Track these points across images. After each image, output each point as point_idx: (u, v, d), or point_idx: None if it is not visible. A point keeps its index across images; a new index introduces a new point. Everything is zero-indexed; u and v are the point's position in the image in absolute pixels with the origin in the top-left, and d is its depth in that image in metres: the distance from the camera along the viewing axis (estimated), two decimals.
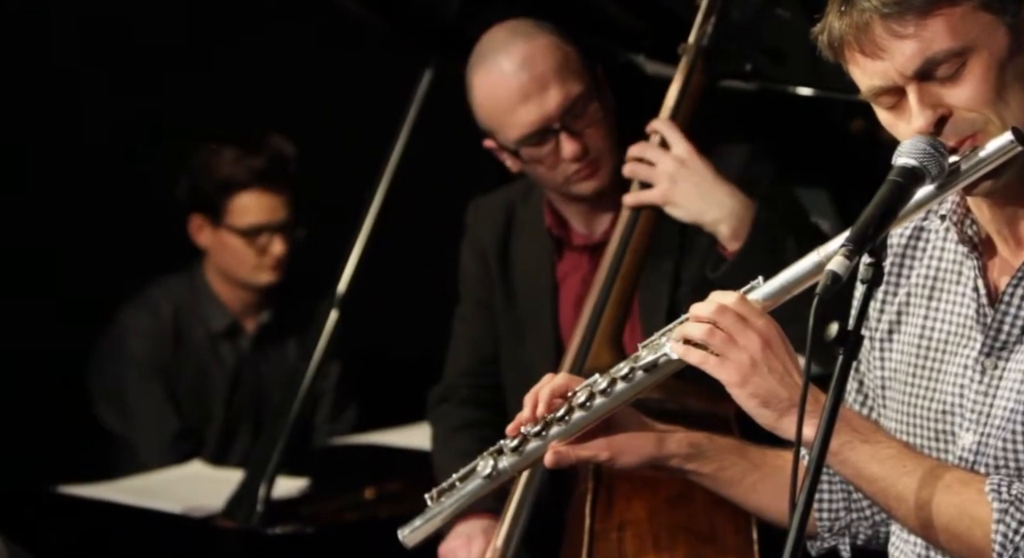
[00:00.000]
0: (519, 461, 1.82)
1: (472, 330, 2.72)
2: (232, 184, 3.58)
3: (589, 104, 2.50)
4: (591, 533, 2.25)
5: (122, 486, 3.23)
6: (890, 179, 1.68)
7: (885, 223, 1.65)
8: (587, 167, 2.52)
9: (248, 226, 3.60)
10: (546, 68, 2.49)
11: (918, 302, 1.85)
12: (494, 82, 2.51)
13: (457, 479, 1.85)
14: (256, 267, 3.62)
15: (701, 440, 1.86)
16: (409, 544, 1.86)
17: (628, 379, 1.78)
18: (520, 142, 2.52)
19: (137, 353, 3.64)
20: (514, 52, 2.50)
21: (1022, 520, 1.68)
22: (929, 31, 1.68)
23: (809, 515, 1.61)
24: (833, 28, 1.71)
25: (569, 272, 2.63)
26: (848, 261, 1.61)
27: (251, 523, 3.00)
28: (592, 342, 2.41)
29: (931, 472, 1.72)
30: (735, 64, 2.54)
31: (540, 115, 2.49)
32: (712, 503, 2.22)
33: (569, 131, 2.50)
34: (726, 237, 2.38)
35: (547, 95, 2.48)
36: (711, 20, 2.46)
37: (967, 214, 1.81)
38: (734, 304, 1.73)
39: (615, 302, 2.42)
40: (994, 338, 1.78)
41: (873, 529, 1.93)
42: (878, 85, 1.72)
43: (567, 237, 2.64)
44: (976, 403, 1.78)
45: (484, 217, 2.72)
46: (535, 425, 1.82)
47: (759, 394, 1.71)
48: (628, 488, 2.27)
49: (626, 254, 2.43)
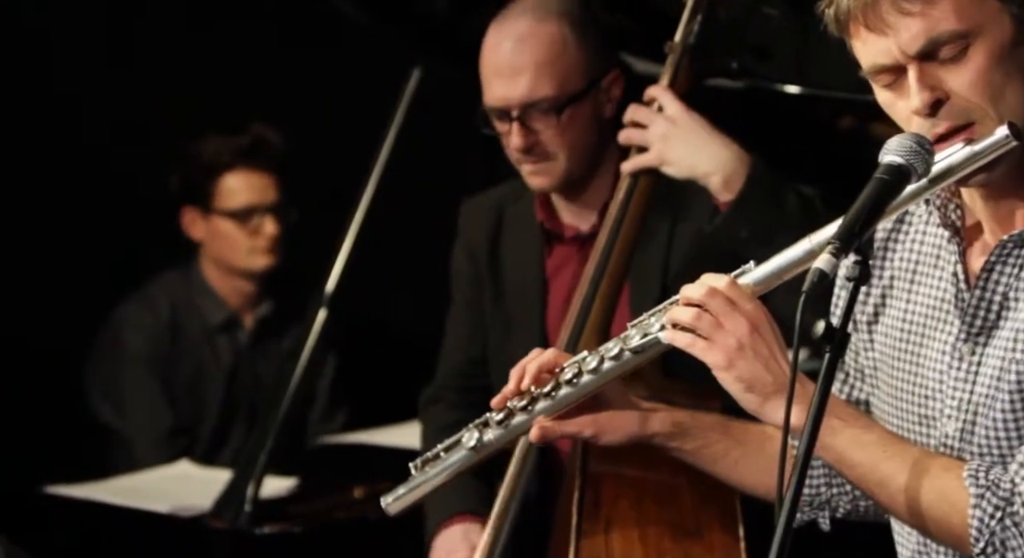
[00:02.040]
0: (504, 434, 1.83)
1: (463, 331, 2.73)
2: (217, 166, 3.60)
3: (559, 110, 2.49)
4: (578, 531, 2.25)
5: (110, 486, 3.22)
6: (876, 177, 1.69)
7: (872, 220, 1.66)
8: (531, 163, 2.53)
9: (238, 207, 3.61)
10: (529, 58, 2.48)
11: (901, 286, 1.86)
12: (487, 42, 2.53)
13: (442, 449, 1.86)
14: (250, 251, 3.64)
15: (684, 418, 1.87)
16: (391, 512, 1.86)
17: (617, 358, 1.79)
18: (488, 110, 2.54)
19: (134, 349, 3.65)
20: (518, 25, 2.50)
21: (998, 505, 1.69)
22: (936, 11, 1.69)
23: (798, 508, 1.61)
24: (841, 2, 1.72)
25: (559, 267, 2.64)
26: (835, 259, 1.62)
27: (239, 523, 3.00)
28: (580, 337, 2.42)
29: (912, 458, 1.72)
30: (722, 63, 2.55)
31: (502, 97, 2.50)
32: (699, 501, 2.23)
33: (522, 124, 2.50)
34: (718, 188, 2.38)
35: (515, 82, 2.48)
36: (697, 18, 2.47)
37: (951, 198, 1.82)
38: (724, 288, 1.74)
39: (604, 295, 2.42)
40: (971, 323, 1.79)
41: (853, 503, 1.94)
42: (881, 62, 1.72)
43: (559, 230, 2.64)
44: (956, 390, 1.79)
45: (474, 217, 2.73)
46: (521, 399, 1.82)
47: (744, 378, 1.72)
48: (615, 487, 2.27)
49: (615, 246, 2.43)
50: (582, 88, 2.50)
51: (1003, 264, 1.77)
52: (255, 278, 3.69)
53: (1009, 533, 1.69)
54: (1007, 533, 1.69)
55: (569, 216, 2.63)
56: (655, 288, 2.49)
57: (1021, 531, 1.68)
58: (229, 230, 3.63)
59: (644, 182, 2.45)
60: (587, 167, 2.54)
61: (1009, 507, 1.69)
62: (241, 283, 3.70)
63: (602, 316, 2.42)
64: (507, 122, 2.51)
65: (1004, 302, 1.76)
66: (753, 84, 2.78)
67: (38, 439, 3.71)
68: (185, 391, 3.67)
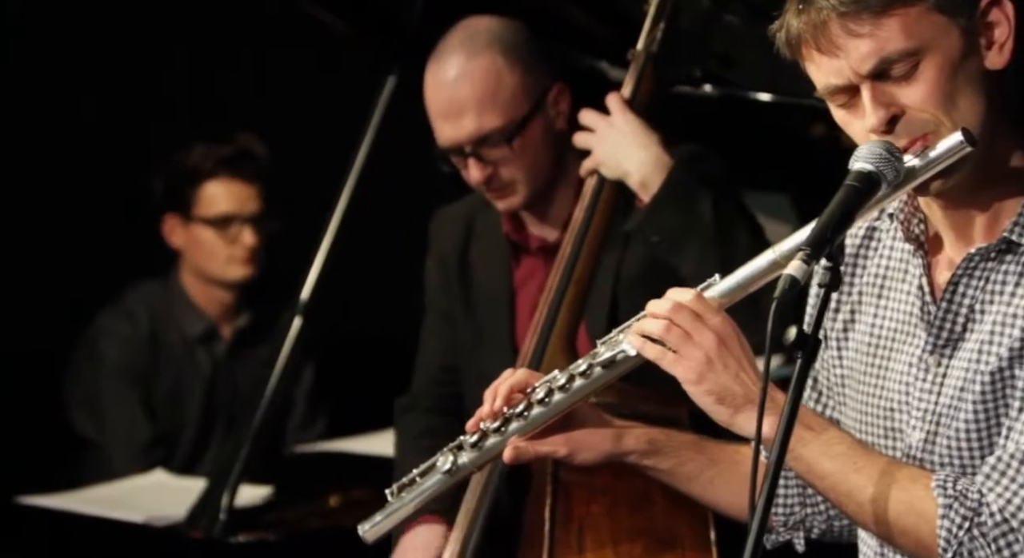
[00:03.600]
0: (479, 456, 1.84)
1: (437, 340, 2.74)
2: (200, 173, 3.60)
3: (509, 138, 2.52)
4: (551, 539, 2.26)
5: (84, 496, 3.21)
6: (847, 184, 1.70)
7: (842, 227, 1.67)
8: (494, 192, 2.57)
9: (217, 215, 3.61)
10: (469, 95, 2.51)
11: (869, 300, 1.88)
12: (426, 86, 2.57)
13: (417, 474, 1.86)
14: (228, 260, 3.63)
15: (658, 436, 1.88)
16: (369, 539, 1.87)
17: (586, 375, 1.80)
18: (440, 150, 2.58)
19: (113, 360, 3.64)
20: (451, 65, 2.53)
21: (966, 515, 1.71)
22: (884, 31, 1.71)
23: (769, 513, 1.62)
24: (791, 26, 1.74)
25: (527, 278, 2.66)
26: (806, 266, 1.64)
27: (214, 532, 2.99)
28: (547, 346, 2.43)
29: (881, 469, 1.74)
30: (685, 70, 2.57)
31: (451, 138, 2.54)
32: (671, 506, 2.24)
33: (477, 158, 2.54)
34: (637, 189, 2.42)
35: (461, 122, 2.52)
36: (660, 26, 2.49)
37: (914, 212, 1.84)
38: (690, 301, 1.75)
39: (569, 305, 2.44)
40: (936, 336, 1.80)
41: (827, 523, 1.95)
42: (834, 83, 1.75)
43: (525, 241, 2.66)
44: (922, 401, 1.81)
45: (444, 228, 2.75)
46: (494, 421, 1.83)
47: (714, 391, 1.73)
48: (587, 493, 2.28)
49: (580, 254, 2.45)
50: (527, 111, 2.53)
51: (969, 277, 1.79)
52: (233, 288, 3.68)
53: (977, 543, 1.71)
54: (975, 543, 1.71)
55: (535, 227, 2.65)
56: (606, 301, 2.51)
57: (989, 541, 1.70)
58: (207, 238, 3.62)
59: (608, 191, 2.46)
60: (549, 182, 2.57)
61: (977, 517, 1.71)
62: (219, 293, 3.69)
63: (568, 324, 2.44)
64: (462, 158, 2.55)
65: (970, 315, 1.78)
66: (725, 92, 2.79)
67: (13, 449, 3.69)
68: (164, 401, 3.66)
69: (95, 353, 3.65)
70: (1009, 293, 1.76)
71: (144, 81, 3.88)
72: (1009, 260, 1.77)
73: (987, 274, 1.78)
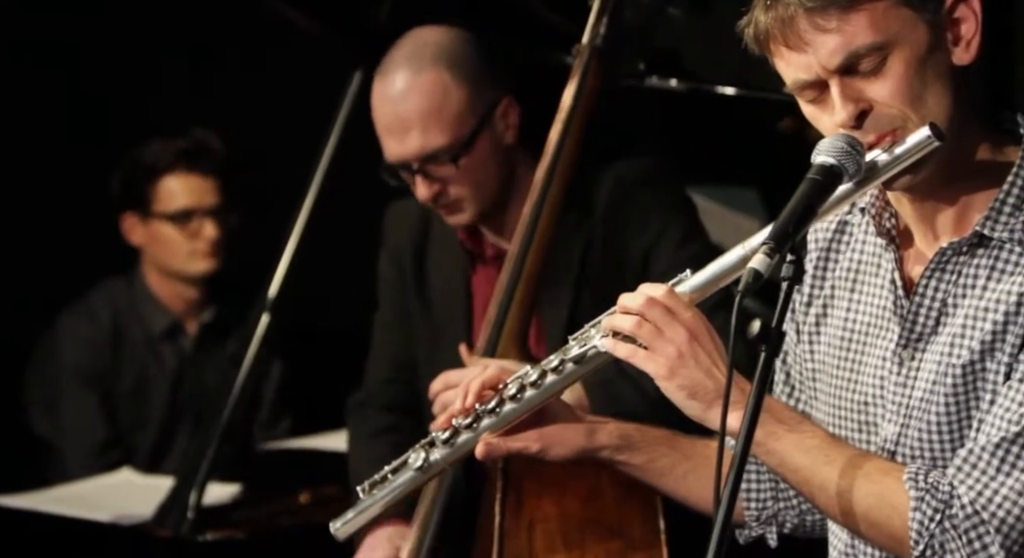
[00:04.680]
0: (451, 453, 1.83)
1: (391, 335, 2.71)
2: (157, 169, 3.57)
3: (455, 157, 2.48)
4: (501, 531, 2.26)
5: (50, 495, 3.19)
6: (809, 177, 1.71)
7: (805, 221, 1.68)
8: (443, 208, 2.54)
9: (177, 210, 3.59)
10: (413, 111, 2.47)
11: (841, 294, 1.88)
12: (373, 99, 2.53)
13: (389, 471, 1.85)
14: (190, 254, 3.60)
15: (631, 431, 1.88)
16: (341, 537, 1.87)
17: (558, 371, 1.80)
18: (387, 164, 2.54)
19: (72, 360, 3.62)
20: (396, 80, 2.49)
21: (937, 508, 1.72)
22: (851, 25, 1.71)
23: (735, 505, 1.63)
24: (759, 21, 1.75)
25: (483, 284, 2.63)
26: (769, 259, 1.64)
27: (181, 531, 2.97)
28: (498, 343, 2.42)
29: (852, 461, 1.75)
30: (630, 64, 2.56)
31: (397, 154, 2.51)
32: (621, 498, 2.25)
33: (424, 175, 2.51)
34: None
35: (406, 139, 2.48)
36: (604, 20, 2.48)
37: (886, 207, 1.85)
38: (662, 297, 1.75)
39: (519, 302, 2.42)
40: (910, 330, 1.81)
41: (800, 518, 1.96)
42: (802, 78, 1.75)
43: (480, 249, 2.64)
44: (895, 395, 1.82)
45: (400, 222, 2.71)
46: (466, 417, 1.82)
47: (687, 386, 1.73)
48: (537, 486, 2.28)
49: (528, 254, 2.43)
50: (474, 127, 2.49)
51: (941, 272, 1.80)
52: (197, 283, 3.66)
53: (948, 535, 1.71)
54: (946, 535, 1.71)
55: (491, 237, 2.63)
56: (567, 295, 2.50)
57: (960, 534, 1.71)
58: (168, 233, 3.59)
59: (555, 189, 2.45)
60: (499, 196, 2.54)
61: (948, 510, 1.72)
62: (183, 288, 3.67)
63: (519, 322, 2.43)
64: (410, 174, 2.52)
65: (943, 309, 1.79)
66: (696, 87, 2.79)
67: None
68: (127, 400, 3.64)
69: (55, 353, 3.63)
70: (981, 287, 1.77)
71: (105, 78, 3.84)
72: (981, 254, 1.78)
73: (959, 268, 1.79)
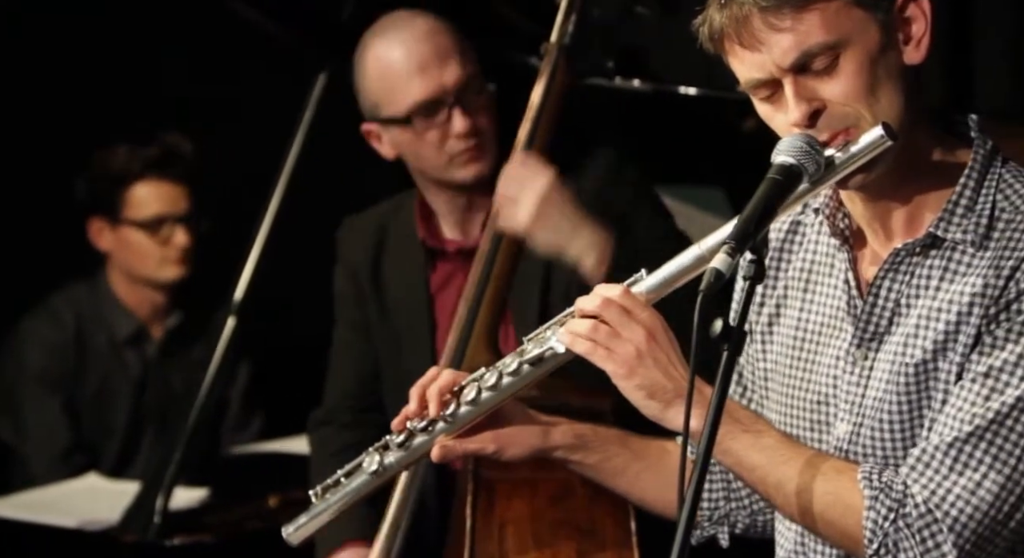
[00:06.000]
0: (405, 456, 1.83)
1: (350, 352, 2.72)
2: (127, 176, 3.56)
3: (482, 87, 2.54)
4: (472, 533, 2.26)
5: (14, 501, 3.17)
6: (769, 177, 1.72)
7: (765, 220, 1.69)
8: (474, 148, 2.54)
9: (148, 217, 3.58)
10: (449, 43, 2.54)
11: (794, 294, 1.89)
12: (392, 51, 2.55)
13: (342, 475, 1.85)
14: (161, 261, 3.60)
15: (585, 431, 1.89)
16: (293, 542, 1.86)
17: (515, 373, 1.80)
18: (413, 110, 2.53)
19: (34, 365, 3.60)
20: (416, 26, 2.55)
21: (891, 507, 1.72)
22: (805, 25, 1.72)
23: (698, 506, 1.63)
24: (713, 20, 1.75)
25: (445, 282, 2.64)
26: (731, 259, 1.65)
27: (148, 535, 2.96)
28: (468, 344, 2.42)
29: (808, 461, 1.75)
30: (597, 62, 2.57)
31: (438, 85, 2.53)
32: (592, 498, 2.25)
33: (463, 107, 2.53)
34: (588, 270, 2.41)
35: (447, 68, 2.52)
36: (571, 19, 2.50)
37: (839, 207, 1.86)
38: (618, 297, 1.76)
39: (489, 302, 2.43)
40: (863, 329, 1.82)
41: (751, 518, 1.96)
42: (756, 77, 1.76)
43: (440, 246, 2.64)
44: (849, 394, 1.82)
45: (354, 237, 2.72)
46: (421, 420, 1.82)
47: (645, 386, 1.74)
48: (508, 487, 2.28)
49: (498, 253, 2.44)
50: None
51: (895, 272, 1.81)
52: (165, 288, 3.64)
53: (902, 534, 1.72)
54: (900, 534, 1.72)
55: (451, 232, 2.64)
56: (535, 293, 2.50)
57: (913, 533, 1.72)
58: (139, 240, 3.58)
59: None
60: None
61: (902, 508, 1.72)
62: (150, 294, 3.65)
63: (489, 321, 2.44)
64: (442, 112, 2.53)
65: (896, 309, 1.80)
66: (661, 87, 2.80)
67: None
68: (91, 405, 3.62)
69: (17, 358, 3.61)
70: (934, 287, 1.78)
71: (70, 79, 3.82)
72: (934, 255, 1.78)
73: (912, 269, 1.79)
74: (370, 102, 2.59)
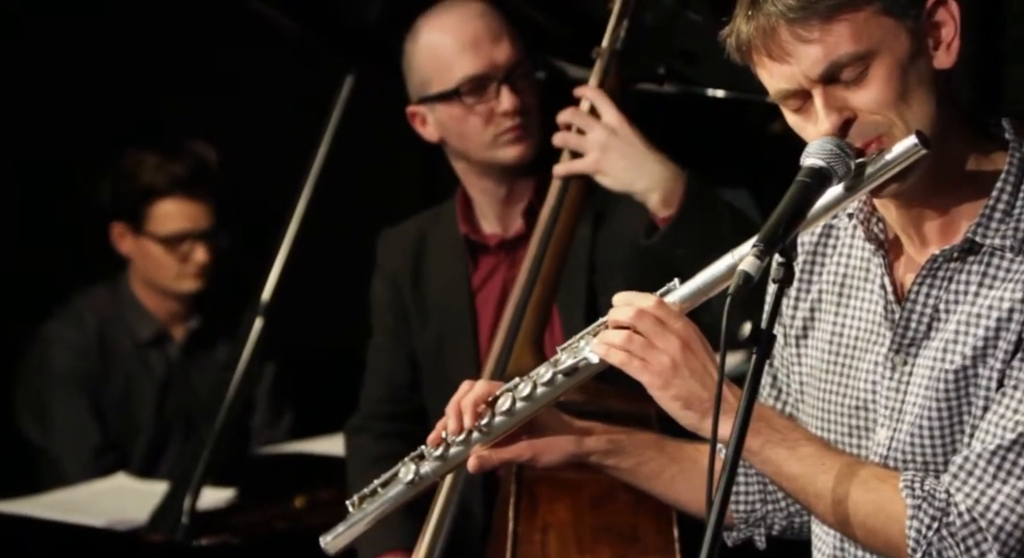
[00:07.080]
0: (441, 466, 1.83)
1: (386, 359, 2.71)
2: (153, 191, 3.56)
3: (530, 72, 2.58)
4: (515, 536, 2.26)
5: (44, 501, 3.19)
6: (798, 180, 1.71)
7: (794, 223, 1.68)
8: (520, 128, 2.55)
9: (169, 234, 3.58)
10: (500, 25, 2.58)
11: (829, 299, 1.88)
12: (445, 29, 2.58)
13: (379, 484, 1.85)
14: (178, 275, 3.60)
15: (619, 436, 1.89)
16: (331, 551, 1.86)
17: (549, 383, 1.79)
18: (462, 84, 2.55)
19: (61, 367, 3.61)
20: (470, 7, 2.59)
21: (935, 516, 1.72)
22: (833, 35, 1.71)
23: (727, 511, 1.63)
24: (741, 32, 1.75)
25: (487, 277, 2.64)
26: (759, 261, 1.64)
27: (176, 535, 2.97)
28: (513, 346, 2.42)
29: (849, 469, 1.75)
30: (648, 67, 2.57)
31: (489, 61, 2.55)
32: (634, 503, 2.25)
33: (512, 85, 2.55)
34: (657, 205, 2.39)
35: (498, 46, 2.56)
36: (624, 24, 2.49)
37: (873, 213, 1.85)
38: (652, 308, 1.75)
39: (535, 304, 2.43)
40: (902, 335, 1.81)
41: (788, 520, 1.96)
42: (785, 88, 1.75)
43: (481, 240, 2.64)
44: (888, 399, 1.82)
45: (394, 246, 2.72)
46: (458, 434, 1.82)
47: (681, 396, 1.74)
48: (551, 491, 2.28)
49: (547, 252, 2.43)
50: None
51: (933, 278, 1.80)
52: (183, 297, 3.65)
53: (946, 543, 1.72)
54: (944, 543, 1.72)
55: (491, 225, 2.63)
56: (581, 294, 2.50)
57: (957, 541, 1.71)
58: (158, 254, 3.59)
59: (575, 186, 2.46)
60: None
61: (945, 517, 1.72)
62: (169, 301, 3.66)
63: (535, 323, 2.43)
64: (490, 89, 2.54)
65: (935, 315, 1.79)
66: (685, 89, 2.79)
67: None
68: (116, 406, 3.63)
69: (43, 360, 3.62)
70: (973, 293, 1.77)
71: (94, 82, 3.83)
72: (972, 261, 1.78)
73: (950, 275, 1.79)
74: (419, 79, 2.60)
